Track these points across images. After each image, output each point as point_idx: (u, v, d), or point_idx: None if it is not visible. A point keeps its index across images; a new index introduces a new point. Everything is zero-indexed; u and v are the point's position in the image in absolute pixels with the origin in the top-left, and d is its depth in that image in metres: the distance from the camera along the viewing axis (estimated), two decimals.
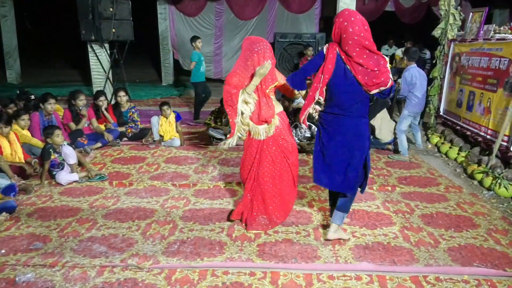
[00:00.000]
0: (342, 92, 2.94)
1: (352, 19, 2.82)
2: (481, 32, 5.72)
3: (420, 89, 5.49)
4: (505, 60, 4.84)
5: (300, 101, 7.38)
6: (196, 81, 7.58)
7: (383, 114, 6.16)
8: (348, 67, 2.87)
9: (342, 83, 2.91)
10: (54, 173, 4.59)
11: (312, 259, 3.02)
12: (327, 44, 2.98)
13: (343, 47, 2.87)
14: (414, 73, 5.53)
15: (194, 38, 7.60)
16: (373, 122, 5.98)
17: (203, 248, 3.17)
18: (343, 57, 2.88)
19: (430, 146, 6.24)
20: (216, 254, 3.08)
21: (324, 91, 3.00)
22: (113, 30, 8.23)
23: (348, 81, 2.89)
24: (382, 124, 6.07)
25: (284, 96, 6.53)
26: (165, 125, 6.09)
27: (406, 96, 5.59)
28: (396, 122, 5.95)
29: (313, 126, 5.90)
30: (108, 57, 8.93)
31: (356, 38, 2.80)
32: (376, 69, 2.81)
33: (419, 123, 7.57)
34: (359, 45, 2.81)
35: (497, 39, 5.19)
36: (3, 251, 3.12)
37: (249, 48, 3.22)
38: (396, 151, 5.72)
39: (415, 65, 5.61)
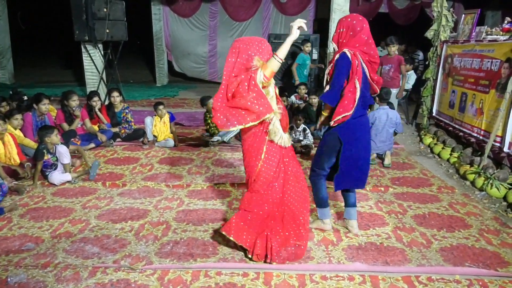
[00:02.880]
0: (365, 91, 3.10)
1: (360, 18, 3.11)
2: (473, 33, 5.76)
3: (383, 133, 5.14)
4: (496, 61, 4.88)
5: (295, 101, 7.40)
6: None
7: None
8: (365, 66, 3.07)
9: (364, 83, 3.08)
10: (47, 173, 4.57)
11: (305, 260, 3.03)
12: (346, 50, 2.99)
13: (353, 46, 3.04)
14: (381, 116, 5.15)
15: (303, 42, 8.15)
16: None
17: (196, 249, 3.17)
18: (364, 57, 3.05)
19: (422, 147, 6.27)
20: (209, 255, 3.08)
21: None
22: (107, 31, 8.22)
23: (367, 80, 3.11)
24: None
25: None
26: (159, 126, 6.07)
27: None
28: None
29: (307, 130, 5.89)
30: (102, 57, 8.90)
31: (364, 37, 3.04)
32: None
33: (411, 124, 7.65)
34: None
35: (489, 41, 5.23)
36: None
37: (260, 49, 2.73)
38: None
39: (387, 107, 5.28)
